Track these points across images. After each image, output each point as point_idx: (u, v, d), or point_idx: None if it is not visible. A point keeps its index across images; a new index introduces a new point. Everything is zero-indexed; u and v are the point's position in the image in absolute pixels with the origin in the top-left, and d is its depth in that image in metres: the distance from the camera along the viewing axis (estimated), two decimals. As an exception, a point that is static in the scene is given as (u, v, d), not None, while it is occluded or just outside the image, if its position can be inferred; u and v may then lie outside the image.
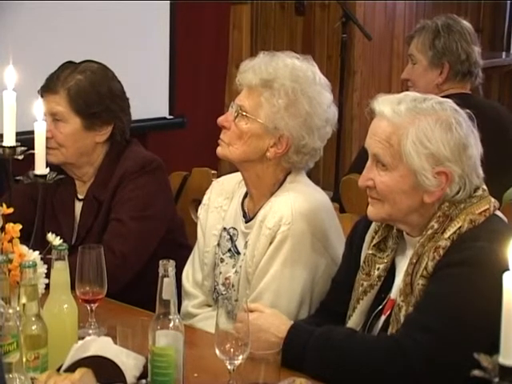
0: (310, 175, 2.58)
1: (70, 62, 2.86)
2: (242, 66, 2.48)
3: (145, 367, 1.93)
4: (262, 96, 2.42)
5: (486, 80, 3.68)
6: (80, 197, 2.89)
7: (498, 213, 2.17)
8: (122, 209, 2.75)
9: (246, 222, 2.53)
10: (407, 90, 3.19)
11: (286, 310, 2.34)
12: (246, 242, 2.49)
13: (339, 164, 5.51)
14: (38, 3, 4.12)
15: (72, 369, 1.83)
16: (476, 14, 7.12)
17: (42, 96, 2.77)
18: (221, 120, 2.49)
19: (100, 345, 1.93)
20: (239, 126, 2.45)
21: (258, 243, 2.43)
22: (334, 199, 3.50)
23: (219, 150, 2.50)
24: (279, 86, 2.40)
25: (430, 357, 1.97)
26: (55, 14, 4.22)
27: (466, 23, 3.57)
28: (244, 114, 2.44)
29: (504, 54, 7.36)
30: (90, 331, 2.27)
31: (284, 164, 2.47)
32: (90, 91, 2.78)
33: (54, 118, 2.78)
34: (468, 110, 2.15)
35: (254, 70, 2.43)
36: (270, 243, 2.40)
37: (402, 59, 6.46)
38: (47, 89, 2.80)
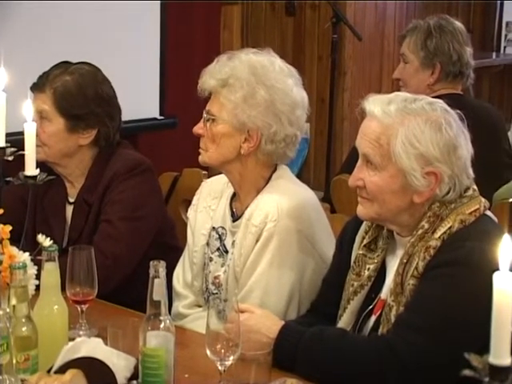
0: (300, 175, 2.59)
1: (64, 62, 2.86)
2: (202, 72, 2.51)
3: (135, 368, 1.93)
4: (221, 96, 2.44)
5: (476, 80, 3.69)
6: (71, 200, 2.89)
7: (489, 213, 2.18)
8: (111, 210, 2.75)
9: (234, 221, 2.53)
10: (398, 90, 3.19)
11: (274, 307, 2.35)
12: (234, 241, 2.49)
13: (330, 164, 5.52)
14: (29, 4, 4.11)
15: (62, 370, 1.83)
16: (466, 15, 7.14)
17: (32, 93, 2.78)
18: (195, 129, 2.53)
19: (91, 346, 1.93)
20: (210, 130, 2.48)
21: (245, 241, 2.43)
22: (324, 200, 3.52)
23: (200, 158, 2.54)
24: (234, 81, 2.42)
25: (420, 357, 1.97)
26: (46, 15, 4.21)
27: (458, 24, 3.58)
28: (211, 117, 2.47)
29: (494, 54, 7.38)
30: (81, 332, 2.26)
31: (262, 157, 2.48)
32: (75, 93, 2.78)
33: (40, 115, 2.78)
34: (459, 111, 2.15)
35: (210, 73, 2.47)
36: (257, 241, 2.41)
37: (392, 59, 6.48)
38: (36, 87, 2.81)
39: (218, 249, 2.57)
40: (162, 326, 1.91)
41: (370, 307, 2.22)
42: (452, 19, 3.61)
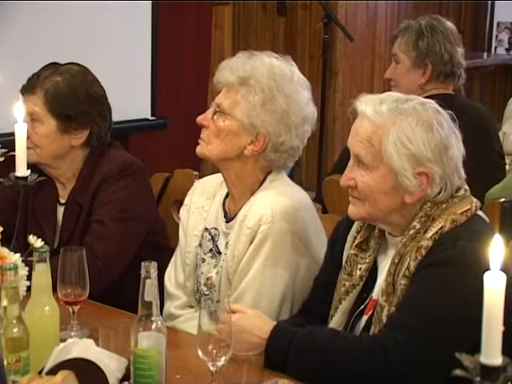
0: (292, 176, 2.59)
1: (53, 63, 2.85)
2: (220, 64, 2.49)
3: (127, 369, 1.93)
4: (238, 93, 2.43)
5: (467, 80, 3.70)
6: (62, 201, 2.88)
7: (480, 213, 2.18)
8: (102, 211, 2.75)
9: (227, 222, 2.53)
10: (389, 90, 3.20)
11: (267, 309, 2.35)
12: (227, 242, 2.49)
13: (322, 165, 5.52)
14: (18, 5, 4.10)
15: (54, 371, 1.82)
16: (457, 15, 7.15)
17: (22, 95, 2.77)
18: (200, 119, 2.50)
19: (82, 347, 1.92)
20: (217, 124, 2.46)
21: (239, 243, 2.43)
22: (316, 200, 3.52)
23: (198, 149, 2.51)
24: (255, 83, 2.41)
25: (412, 357, 1.97)
26: (36, 16, 4.21)
27: (449, 24, 3.58)
28: (221, 111, 2.45)
29: (485, 54, 7.39)
30: (72, 333, 2.26)
31: (262, 162, 2.48)
32: (67, 94, 2.77)
33: (31, 117, 2.77)
34: (450, 111, 2.15)
35: (231, 68, 2.45)
36: (251, 243, 2.41)
37: (383, 59, 6.49)
38: (26, 88, 2.80)
39: (211, 250, 2.56)
40: (153, 326, 1.90)
41: (362, 307, 2.22)
42: (443, 19, 3.62)
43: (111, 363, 1.91)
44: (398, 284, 2.09)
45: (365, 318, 2.21)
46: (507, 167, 3.76)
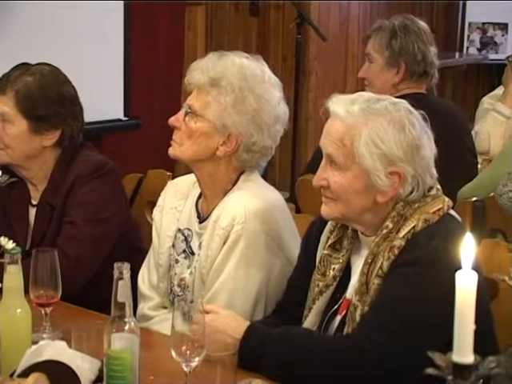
0: (266, 176, 2.59)
1: (24, 64, 2.84)
2: (190, 66, 2.48)
3: (100, 371, 1.92)
4: (209, 95, 2.43)
5: (439, 80, 3.72)
6: (34, 202, 2.86)
7: (452, 212, 2.19)
8: (75, 212, 2.73)
9: (200, 223, 2.52)
10: (363, 90, 3.20)
11: (241, 309, 2.35)
12: (201, 243, 2.49)
13: (295, 165, 5.53)
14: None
15: (26, 374, 1.81)
16: (429, 15, 7.19)
17: None
18: (171, 120, 2.50)
19: (54, 349, 1.91)
20: (189, 126, 2.46)
21: (212, 243, 2.43)
22: (289, 200, 3.52)
23: (170, 151, 2.50)
24: (226, 84, 2.41)
25: (385, 356, 1.98)
26: (7, 15, 4.18)
27: (422, 24, 3.60)
28: (193, 113, 2.45)
29: (457, 54, 7.43)
30: (45, 335, 2.24)
31: (235, 163, 2.48)
32: (37, 94, 2.76)
33: (2, 118, 2.76)
34: (422, 111, 2.16)
35: (201, 69, 2.45)
36: (224, 243, 2.40)
37: (356, 59, 6.50)
38: None
39: (184, 251, 2.56)
40: (126, 327, 1.89)
41: (336, 307, 2.22)
42: (416, 19, 3.63)
43: (84, 365, 1.90)
44: (372, 284, 2.09)
45: (338, 317, 2.21)
46: (479, 166, 3.78)
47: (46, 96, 2.77)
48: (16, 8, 4.18)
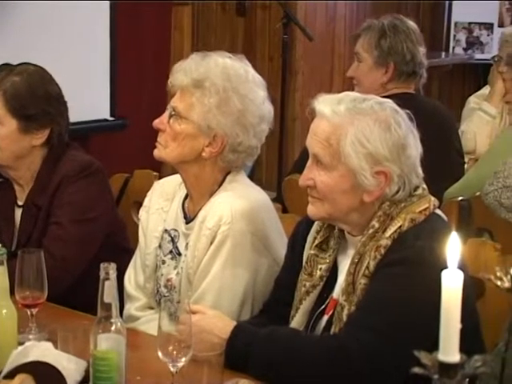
0: (252, 176, 2.59)
1: (6, 64, 2.83)
2: (174, 67, 2.48)
3: (86, 371, 1.92)
4: (193, 96, 2.42)
5: (426, 80, 3.72)
6: (20, 203, 2.85)
7: (438, 211, 2.19)
8: (61, 212, 2.73)
9: (187, 223, 2.52)
10: (349, 89, 3.20)
11: (227, 310, 2.34)
12: (187, 244, 2.48)
13: (282, 164, 5.53)
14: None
15: (12, 375, 1.80)
16: (415, 15, 7.19)
17: None
18: (156, 122, 2.49)
19: (40, 350, 1.91)
20: (173, 128, 2.45)
21: (199, 244, 2.42)
22: (276, 200, 3.52)
23: (156, 152, 2.50)
24: (210, 86, 2.40)
25: (372, 356, 1.98)
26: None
27: (411, 23, 3.60)
28: (177, 115, 2.44)
29: (443, 53, 7.44)
30: (31, 336, 2.24)
31: (221, 163, 2.47)
32: (26, 93, 2.75)
33: (-10, 119, 2.75)
34: (408, 111, 2.16)
35: (184, 70, 2.44)
36: (211, 243, 2.40)
37: (343, 59, 6.51)
38: None
39: (171, 251, 2.55)
40: (113, 328, 1.89)
41: (322, 307, 2.22)
42: (406, 19, 3.64)
43: (70, 366, 1.90)
44: (358, 283, 2.09)
45: (325, 317, 2.21)
46: (466, 166, 3.79)
47: (34, 95, 2.76)
48: (0, 8, 4.16)
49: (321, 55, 6.48)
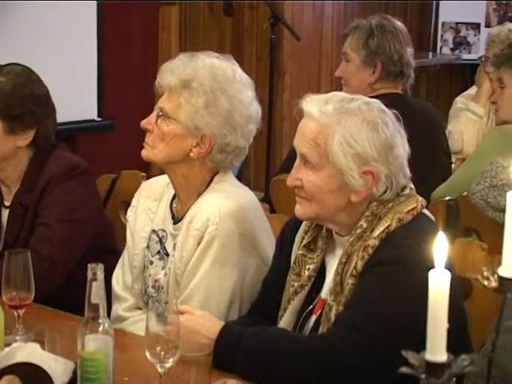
0: (241, 176, 2.59)
1: (-7, 64, 2.82)
2: (161, 68, 2.48)
3: (74, 372, 1.91)
4: (181, 97, 2.42)
5: (413, 80, 3.72)
6: (6, 204, 2.85)
7: (426, 211, 2.20)
8: (48, 213, 2.72)
9: (175, 224, 2.52)
10: (337, 89, 3.20)
11: (215, 310, 2.34)
12: (175, 244, 2.48)
13: (270, 164, 5.52)
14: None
15: (-2, 376, 1.80)
16: (403, 15, 7.20)
17: None
18: (143, 123, 2.49)
19: (27, 351, 1.90)
20: (161, 128, 2.45)
21: (186, 244, 2.42)
22: (264, 200, 3.52)
23: (143, 153, 2.50)
24: (198, 86, 2.40)
25: (360, 356, 1.98)
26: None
27: (399, 24, 3.60)
28: (165, 115, 2.44)
29: (431, 54, 7.46)
30: (18, 337, 2.23)
31: (209, 164, 2.47)
32: (12, 94, 2.74)
33: (-25, 119, 2.74)
34: (395, 111, 2.16)
35: (172, 71, 2.44)
36: (199, 244, 2.40)
37: (330, 59, 6.51)
38: None
39: (159, 252, 2.55)
40: (100, 329, 1.89)
41: (311, 307, 2.22)
42: (393, 19, 3.64)
43: (57, 367, 1.89)
44: (346, 283, 2.09)
45: (314, 317, 2.21)
46: (453, 166, 3.80)
47: (21, 95, 2.75)
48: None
49: (308, 55, 6.48)
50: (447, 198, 3.14)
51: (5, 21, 4.23)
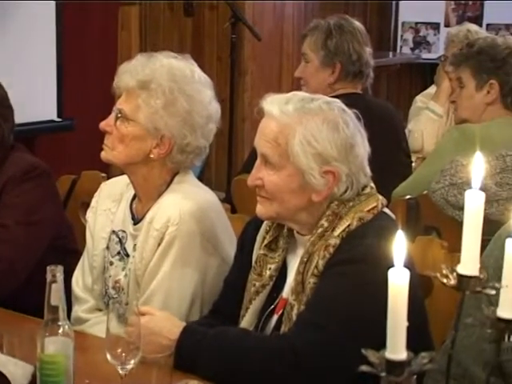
0: (202, 176, 2.58)
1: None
2: (119, 69, 2.46)
3: (33, 376, 1.89)
4: (139, 98, 2.41)
5: (374, 79, 3.74)
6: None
7: (386, 210, 2.21)
8: (6, 214, 2.69)
9: (135, 224, 2.51)
10: (298, 89, 3.21)
11: (176, 311, 2.34)
12: (135, 245, 2.47)
13: (231, 165, 5.52)
14: None
15: (-43, 381, 1.78)
16: (363, 15, 7.24)
17: None
18: (102, 125, 2.47)
19: (-15, 355, 1.88)
20: (120, 130, 2.44)
21: (147, 245, 2.41)
22: (226, 200, 3.51)
23: (103, 155, 2.48)
24: (156, 87, 2.39)
25: (320, 354, 1.98)
26: None
27: (358, 24, 3.62)
28: (124, 117, 2.43)
29: (391, 53, 7.50)
30: (-24, 341, 2.21)
31: (169, 164, 2.46)
32: None
33: None
34: (355, 110, 2.17)
35: (130, 72, 2.43)
36: (159, 245, 2.39)
37: (291, 59, 6.52)
38: None
39: (119, 252, 2.54)
40: (60, 331, 1.87)
41: (272, 307, 2.22)
42: (352, 19, 3.65)
43: (16, 370, 1.88)
44: (307, 283, 2.10)
45: (275, 317, 2.21)
46: (413, 165, 3.82)
47: (-23, 97, 2.73)
48: None
49: (269, 55, 6.49)
50: (407, 196, 3.16)
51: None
